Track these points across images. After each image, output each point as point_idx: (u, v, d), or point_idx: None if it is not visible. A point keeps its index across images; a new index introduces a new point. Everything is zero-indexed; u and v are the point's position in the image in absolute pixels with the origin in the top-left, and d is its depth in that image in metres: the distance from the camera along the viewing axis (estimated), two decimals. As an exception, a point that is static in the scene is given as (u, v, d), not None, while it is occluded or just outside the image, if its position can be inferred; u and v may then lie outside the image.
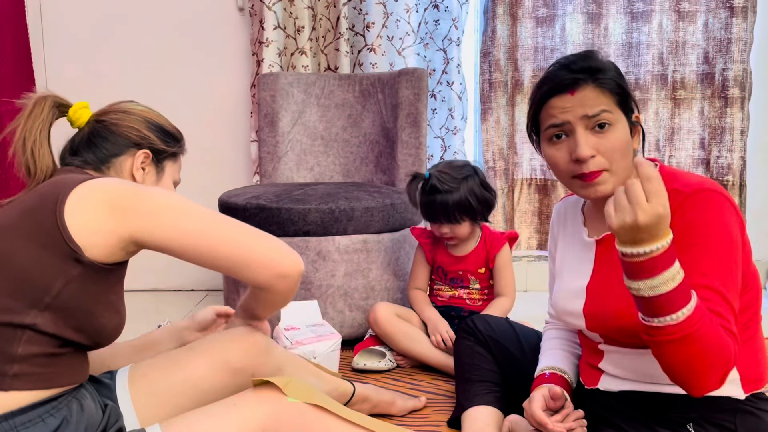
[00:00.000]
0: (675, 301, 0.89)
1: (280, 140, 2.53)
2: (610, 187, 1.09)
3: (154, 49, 2.78)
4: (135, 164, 1.14)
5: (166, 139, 1.19)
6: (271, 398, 1.00)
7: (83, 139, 1.14)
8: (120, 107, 1.18)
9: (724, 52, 2.59)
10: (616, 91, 1.09)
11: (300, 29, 2.65)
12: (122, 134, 1.14)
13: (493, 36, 2.66)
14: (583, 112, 1.08)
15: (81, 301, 0.94)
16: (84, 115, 1.15)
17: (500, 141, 2.72)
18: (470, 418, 1.37)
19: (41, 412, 0.91)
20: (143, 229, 0.97)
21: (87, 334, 0.97)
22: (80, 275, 0.94)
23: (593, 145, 1.08)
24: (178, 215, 0.99)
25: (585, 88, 1.08)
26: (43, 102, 1.08)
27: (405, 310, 1.95)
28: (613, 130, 1.08)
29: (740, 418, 1.08)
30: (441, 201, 1.81)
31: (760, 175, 2.72)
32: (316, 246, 2.00)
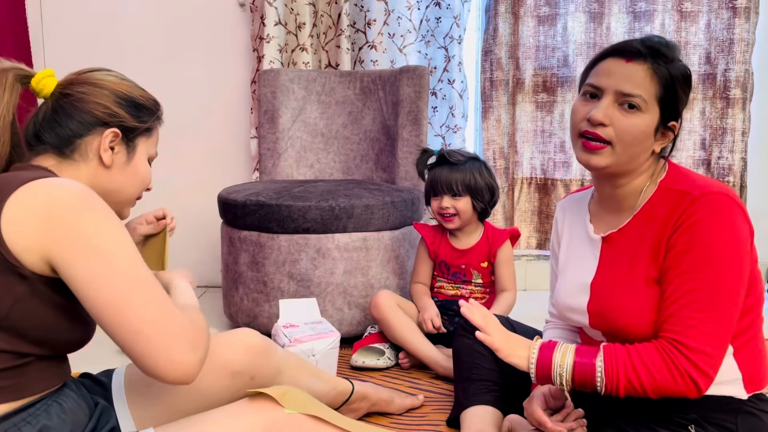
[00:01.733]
0: (587, 380, 1.07)
1: (280, 137, 2.52)
2: (604, 162, 1.10)
3: (154, 45, 2.77)
4: (102, 145, 1.00)
5: (138, 114, 1.05)
6: (267, 409, 0.97)
7: (46, 116, 1.01)
8: (88, 78, 1.03)
9: (726, 53, 2.58)
10: (665, 84, 1.08)
11: (301, 25, 2.64)
12: (88, 111, 1.00)
13: (494, 34, 2.65)
14: (621, 87, 1.08)
15: (35, 319, 0.86)
16: (49, 85, 1.02)
17: (501, 140, 2.71)
18: (469, 418, 1.36)
19: (16, 421, 0.86)
20: (59, 260, 0.84)
21: (50, 347, 0.90)
22: (28, 292, 0.84)
23: (610, 116, 1.08)
24: (100, 264, 0.84)
25: (640, 63, 1.08)
26: (4, 79, 0.97)
27: (407, 304, 1.96)
28: (639, 116, 1.08)
29: (741, 419, 1.08)
30: (447, 170, 1.89)
31: (761, 176, 2.72)
32: (315, 243, 1.99)
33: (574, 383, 1.07)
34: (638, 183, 1.15)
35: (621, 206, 1.18)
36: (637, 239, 1.13)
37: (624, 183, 1.15)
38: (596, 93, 1.11)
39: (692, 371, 1.00)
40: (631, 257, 1.13)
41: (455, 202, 1.89)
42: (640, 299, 1.09)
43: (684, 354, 1.00)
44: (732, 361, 1.08)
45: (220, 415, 0.97)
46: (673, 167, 1.15)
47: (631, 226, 1.15)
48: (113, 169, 1.03)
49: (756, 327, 1.11)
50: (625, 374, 1.03)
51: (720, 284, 1.01)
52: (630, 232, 1.14)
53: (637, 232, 1.13)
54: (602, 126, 1.08)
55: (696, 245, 1.03)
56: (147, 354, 0.84)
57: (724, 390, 1.08)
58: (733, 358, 1.09)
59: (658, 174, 1.15)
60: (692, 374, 1.00)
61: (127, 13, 2.76)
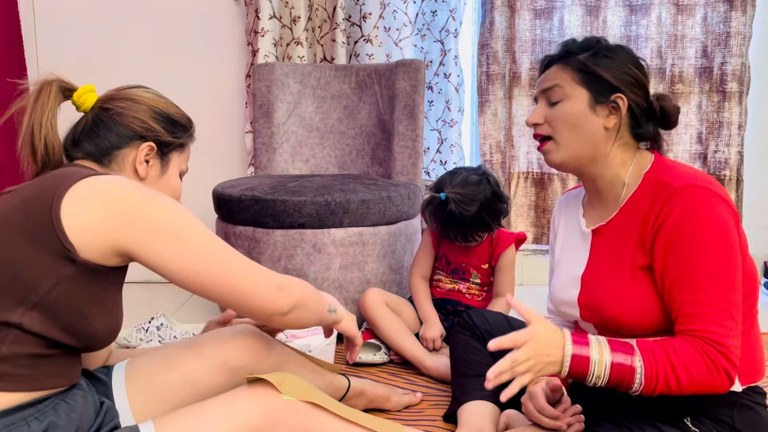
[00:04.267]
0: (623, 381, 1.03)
1: (275, 131, 2.50)
2: (557, 157, 1.19)
3: (148, 39, 2.75)
4: (138, 158, 1.07)
5: (173, 129, 1.12)
6: (265, 396, 0.98)
7: (86, 128, 1.08)
8: (127, 94, 1.11)
9: (723, 46, 2.57)
10: (580, 69, 1.16)
11: (296, 19, 2.62)
12: (126, 125, 1.07)
13: (491, 28, 2.64)
14: (541, 86, 1.21)
15: (71, 302, 0.90)
16: (89, 99, 1.09)
17: (497, 134, 2.70)
18: (466, 413, 1.36)
19: (25, 414, 0.87)
20: (137, 247, 0.92)
21: (77, 337, 0.92)
22: (72, 275, 0.89)
23: (544, 115, 1.20)
24: (179, 246, 0.94)
25: (553, 66, 1.21)
26: (49, 87, 1.03)
27: (397, 300, 1.94)
28: (564, 104, 1.17)
29: (737, 412, 1.08)
30: (459, 224, 1.81)
31: (757, 170, 2.72)
32: (311, 238, 1.98)
33: (609, 383, 1.04)
34: (615, 173, 1.18)
35: (606, 199, 1.21)
36: (624, 231, 1.15)
37: (598, 174, 1.19)
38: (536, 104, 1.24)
39: (728, 367, 1.00)
40: (619, 249, 1.15)
41: (470, 244, 1.88)
42: (627, 290, 1.11)
43: (721, 352, 1.00)
44: None
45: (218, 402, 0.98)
46: (659, 159, 1.17)
47: (618, 219, 1.17)
48: (147, 182, 1.09)
49: (751, 319, 1.12)
50: (664, 377, 1.00)
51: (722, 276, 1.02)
52: (617, 224, 1.17)
53: (623, 224, 1.16)
54: (538, 126, 1.21)
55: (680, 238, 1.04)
56: (244, 301, 0.98)
57: None
58: None
59: (643, 166, 1.17)
60: (728, 370, 1.00)
61: (120, 7, 2.73)
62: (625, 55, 1.18)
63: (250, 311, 1.00)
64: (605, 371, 1.02)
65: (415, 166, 2.37)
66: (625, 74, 1.16)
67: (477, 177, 1.83)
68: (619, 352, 1.03)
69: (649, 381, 1.01)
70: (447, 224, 1.82)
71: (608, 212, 1.20)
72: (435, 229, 1.88)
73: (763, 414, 1.11)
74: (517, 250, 1.94)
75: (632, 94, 1.16)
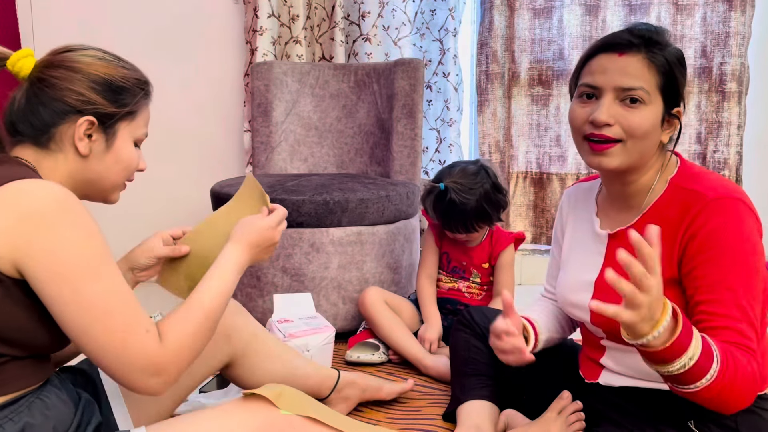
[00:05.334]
0: (699, 372, 0.88)
1: (273, 130, 2.50)
2: (616, 162, 1.06)
3: (146, 37, 2.74)
4: (77, 134, 0.95)
5: (116, 98, 0.98)
6: (262, 411, 0.95)
7: (20, 105, 0.96)
8: (63, 59, 0.96)
9: (722, 46, 2.57)
10: (663, 72, 1.05)
11: (294, 18, 2.62)
12: (60, 98, 0.94)
13: (490, 27, 2.63)
14: (619, 82, 1.04)
15: (8, 321, 0.83)
16: (26, 66, 0.96)
17: (496, 133, 2.70)
18: (465, 412, 1.35)
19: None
20: (28, 269, 0.82)
21: (25, 348, 0.87)
22: (1, 294, 0.82)
23: (615, 115, 1.04)
24: (67, 286, 0.83)
25: (634, 54, 1.04)
26: None
27: (397, 299, 1.94)
28: (643, 108, 1.04)
29: (742, 417, 1.07)
30: (459, 214, 1.79)
31: (757, 170, 2.72)
32: (309, 238, 1.97)
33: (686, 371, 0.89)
34: (647, 179, 1.11)
35: (629, 203, 1.14)
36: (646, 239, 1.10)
37: (634, 180, 1.11)
38: (593, 93, 1.07)
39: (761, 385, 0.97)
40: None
41: (471, 234, 1.86)
42: None
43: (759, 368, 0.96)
44: None
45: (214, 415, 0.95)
46: (684, 164, 1.12)
47: (641, 225, 1.11)
48: (92, 158, 0.98)
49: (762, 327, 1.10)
50: (721, 391, 0.91)
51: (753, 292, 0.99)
52: (639, 230, 1.11)
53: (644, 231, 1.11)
54: (608, 126, 1.05)
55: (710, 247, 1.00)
56: (110, 373, 0.87)
57: None
58: None
59: (668, 170, 1.11)
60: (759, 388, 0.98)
61: (118, 5, 2.72)
62: (681, 56, 1.07)
63: (117, 381, 0.88)
64: (687, 366, 0.87)
65: (414, 165, 2.37)
66: (684, 81, 1.08)
67: (475, 168, 1.84)
68: (704, 352, 0.88)
69: (709, 392, 0.90)
70: (447, 215, 1.81)
71: (628, 216, 1.14)
72: (436, 220, 1.87)
73: (766, 417, 1.09)
74: (516, 249, 1.94)
75: (683, 105, 1.09)
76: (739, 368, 0.91)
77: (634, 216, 1.13)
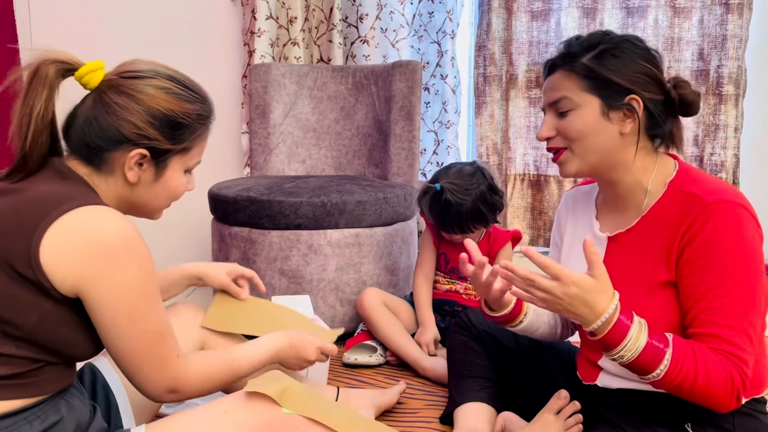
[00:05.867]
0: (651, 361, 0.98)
1: (271, 132, 2.50)
2: (574, 167, 1.13)
3: (144, 38, 2.73)
4: (128, 163, 0.96)
5: (173, 134, 0.98)
6: (264, 409, 0.95)
7: (80, 120, 0.97)
8: (129, 86, 0.96)
9: (719, 49, 2.58)
10: (587, 75, 1.09)
11: (293, 20, 2.62)
12: (116, 127, 0.95)
13: (488, 29, 2.64)
14: (547, 99, 1.14)
15: (56, 335, 0.89)
16: (94, 79, 0.97)
17: (494, 136, 2.70)
18: (463, 415, 1.35)
19: (27, 415, 0.88)
20: (89, 296, 0.88)
21: (63, 358, 0.93)
22: (54, 309, 0.87)
23: (555, 126, 1.13)
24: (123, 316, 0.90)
25: (556, 72, 1.13)
26: (46, 71, 0.92)
27: (395, 301, 1.94)
28: (575, 114, 1.10)
29: (739, 420, 1.07)
30: (455, 214, 1.80)
31: (754, 173, 2.72)
32: (307, 239, 1.97)
33: (634, 360, 0.99)
34: (635, 179, 1.11)
35: (625, 205, 1.14)
36: (645, 242, 1.09)
37: (617, 178, 1.12)
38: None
39: (741, 391, 0.97)
40: (637, 260, 1.10)
41: (467, 235, 1.86)
42: (641, 304, 1.06)
43: (741, 377, 0.97)
44: None
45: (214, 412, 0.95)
46: (684, 167, 1.11)
47: (639, 228, 1.11)
48: (140, 185, 1.00)
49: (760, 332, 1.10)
50: (684, 376, 0.97)
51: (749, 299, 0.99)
52: (638, 233, 1.11)
53: (644, 235, 1.10)
54: (550, 139, 1.14)
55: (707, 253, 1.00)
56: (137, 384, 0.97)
57: None
58: None
59: (666, 173, 1.11)
60: (740, 394, 0.98)
61: (116, 5, 2.72)
62: (633, 49, 1.09)
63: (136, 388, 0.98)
64: (635, 352, 0.98)
65: (412, 167, 2.37)
66: (637, 72, 1.07)
67: (471, 169, 1.85)
68: (655, 338, 0.98)
69: (670, 374, 0.97)
70: (443, 215, 1.82)
71: (628, 219, 1.14)
72: (432, 221, 1.88)
73: (764, 420, 1.10)
74: (513, 247, 1.94)
75: (646, 92, 1.07)
76: (710, 370, 0.96)
77: (633, 219, 1.13)
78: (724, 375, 0.96)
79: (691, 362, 0.97)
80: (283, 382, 0.99)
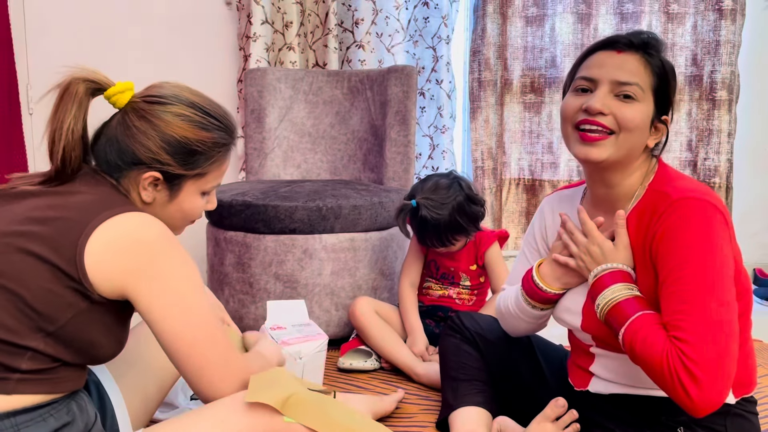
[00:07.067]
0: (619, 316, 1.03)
1: (267, 136, 2.50)
2: (605, 154, 1.06)
3: (139, 43, 2.73)
4: (142, 184, 1.00)
5: (186, 160, 1.01)
6: (264, 417, 0.94)
7: (106, 137, 1.02)
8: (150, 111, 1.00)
9: (713, 55, 2.59)
10: (658, 74, 1.07)
11: (288, 24, 2.62)
12: (132, 149, 0.99)
13: (483, 34, 2.65)
14: (616, 75, 1.06)
15: (85, 334, 0.93)
16: (122, 100, 1.01)
17: (489, 140, 2.71)
18: (459, 420, 1.34)
19: (42, 412, 0.91)
20: (138, 296, 0.93)
21: (84, 358, 0.96)
22: (88, 309, 0.92)
23: (609, 106, 1.05)
24: (176, 310, 0.94)
25: (632, 54, 1.07)
26: (76, 88, 0.97)
27: (387, 308, 1.94)
28: (639, 105, 1.06)
29: (730, 421, 1.08)
30: (433, 229, 1.80)
31: (747, 178, 2.74)
32: (302, 244, 1.97)
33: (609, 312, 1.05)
34: (631, 183, 1.12)
35: (614, 207, 1.14)
36: None
37: (618, 182, 1.12)
38: (589, 87, 1.08)
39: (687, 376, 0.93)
40: None
41: (449, 248, 1.87)
42: None
43: (681, 357, 0.94)
44: None
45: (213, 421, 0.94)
46: (663, 168, 1.13)
47: None
48: (155, 205, 1.03)
49: (744, 331, 1.10)
50: (632, 348, 1.00)
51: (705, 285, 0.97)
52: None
53: None
54: (602, 115, 1.05)
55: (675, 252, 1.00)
56: (204, 386, 0.97)
57: None
58: None
59: (649, 176, 1.12)
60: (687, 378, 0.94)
61: (111, 10, 2.72)
62: (673, 69, 1.11)
63: (205, 392, 0.98)
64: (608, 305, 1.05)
65: (407, 171, 2.37)
66: (675, 92, 1.10)
67: (447, 181, 1.84)
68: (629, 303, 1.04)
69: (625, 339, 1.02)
70: (421, 231, 1.83)
71: (611, 220, 1.13)
72: (412, 236, 1.89)
73: (754, 422, 1.11)
74: (501, 247, 1.94)
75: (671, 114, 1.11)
76: (647, 340, 0.98)
77: None
78: (657, 350, 0.96)
79: (640, 336, 0.99)
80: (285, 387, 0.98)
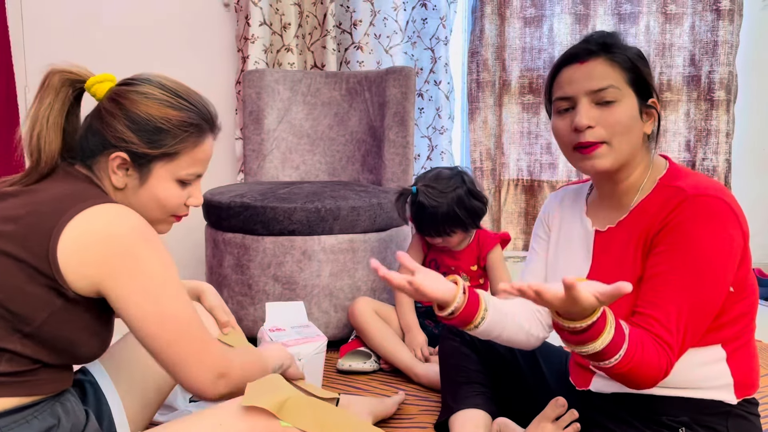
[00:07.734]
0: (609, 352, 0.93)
1: (265, 138, 2.49)
2: (608, 162, 1.07)
3: (137, 44, 2.73)
4: (111, 166, 0.99)
5: (152, 138, 0.99)
6: (261, 422, 0.94)
7: (87, 124, 1.02)
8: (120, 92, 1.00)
9: (711, 55, 2.60)
10: (628, 68, 1.07)
11: (286, 26, 2.62)
12: (101, 131, 0.99)
13: (481, 35, 2.65)
14: (589, 86, 1.07)
15: (64, 333, 0.92)
16: (100, 90, 1.01)
17: (487, 141, 2.71)
18: (459, 422, 1.34)
19: (25, 414, 0.90)
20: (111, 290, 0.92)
21: (65, 358, 0.95)
22: (65, 307, 0.90)
23: (594, 117, 1.06)
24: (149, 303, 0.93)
25: (596, 59, 1.08)
26: (47, 80, 0.98)
27: (386, 308, 1.94)
28: (618, 105, 1.06)
29: (732, 422, 1.07)
30: (430, 216, 1.80)
31: (745, 178, 2.74)
32: (301, 245, 1.97)
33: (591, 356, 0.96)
34: (636, 177, 1.12)
35: (619, 203, 1.15)
36: (628, 236, 1.11)
37: (624, 177, 1.12)
38: (568, 105, 1.10)
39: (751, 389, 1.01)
40: (621, 255, 1.11)
41: (446, 239, 1.86)
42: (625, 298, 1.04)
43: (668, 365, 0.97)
44: (725, 366, 1.07)
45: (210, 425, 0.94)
46: (674, 166, 1.13)
47: (625, 223, 1.12)
48: (127, 191, 1.02)
49: (749, 332, 1.10)
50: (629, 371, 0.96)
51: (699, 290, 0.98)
52: (624, 228, 1.12)
53: (629, 229, 1.11)
54: (590, 129, 1.07)
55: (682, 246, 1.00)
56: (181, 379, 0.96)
57: (715, 395, 1.07)
58: (726, 364, 1.07)
59: (657, 171, 1.12)
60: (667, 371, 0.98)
61: (110, 11, 2.72)
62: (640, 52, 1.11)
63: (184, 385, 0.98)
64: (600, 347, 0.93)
65: (406, 173, 2.37)
66: (651, 75, 1.11)
67: (451, 173, 1.85)
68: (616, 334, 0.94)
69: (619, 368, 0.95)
70: (419, 218, 1.83)
71: (616, 214, 1.14)
72: (410, 224, 1.88)
73: (756, 423, 1.10)
74: (503, 249, 1.94)
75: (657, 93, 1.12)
76: (645, 355, 0.95)
77: (622, 214, 1.14)
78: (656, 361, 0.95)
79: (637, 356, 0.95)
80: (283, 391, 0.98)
